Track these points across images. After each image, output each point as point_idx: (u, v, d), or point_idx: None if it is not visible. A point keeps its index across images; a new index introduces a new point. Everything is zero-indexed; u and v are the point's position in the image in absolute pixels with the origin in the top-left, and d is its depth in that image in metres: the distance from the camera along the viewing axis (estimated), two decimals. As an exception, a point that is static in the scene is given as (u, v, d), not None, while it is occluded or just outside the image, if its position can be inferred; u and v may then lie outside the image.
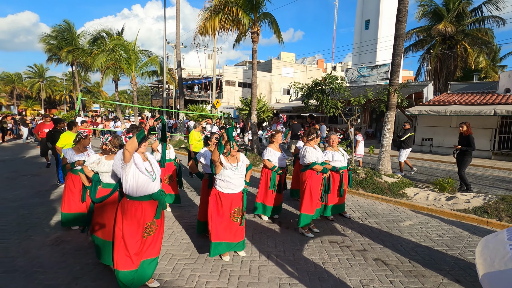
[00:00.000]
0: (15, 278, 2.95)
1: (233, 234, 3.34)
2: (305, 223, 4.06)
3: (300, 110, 21.42)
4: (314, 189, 4.04)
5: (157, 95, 36.41)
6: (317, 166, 4.02)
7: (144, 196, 2.62)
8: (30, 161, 9.75)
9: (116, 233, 2.59)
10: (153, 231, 2.71)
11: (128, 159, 2.48)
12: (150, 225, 2.67)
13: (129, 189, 2.58)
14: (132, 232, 2.57)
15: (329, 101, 7.83)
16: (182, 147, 13.44)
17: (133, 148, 2.44)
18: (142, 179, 2.59)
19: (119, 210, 2.65)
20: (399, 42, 7.13)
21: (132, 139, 2.43)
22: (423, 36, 22.15)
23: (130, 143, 2.42)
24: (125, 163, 2.50)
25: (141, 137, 2.48)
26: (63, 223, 4.12)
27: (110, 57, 17.15)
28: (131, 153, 2.46)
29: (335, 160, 4.61)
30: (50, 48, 25.46)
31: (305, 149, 4.11)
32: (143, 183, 2.60)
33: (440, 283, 3.04)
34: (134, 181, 2.56)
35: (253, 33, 10.53)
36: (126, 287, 2.56)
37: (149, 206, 2.66)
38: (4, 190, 6.17)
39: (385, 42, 23.33)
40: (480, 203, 5.33)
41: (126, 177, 2.56)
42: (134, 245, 2.58)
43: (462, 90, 15.12)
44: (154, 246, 2.75)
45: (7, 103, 46.11)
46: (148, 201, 2.65)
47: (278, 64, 32.54)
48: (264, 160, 4.56)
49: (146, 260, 2.70)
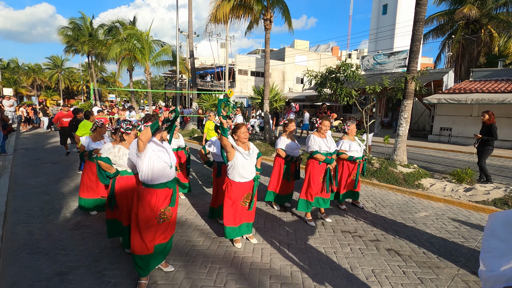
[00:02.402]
0: (39, 259, 3.12)
1: (245, 216, 3.43)
2: (302, 209, 4.11)
3: (313, 99, 21.09)
4: (314, 177, 4.02)
5: (171, 85, 36.72)
6: (318, 155, 3.97)
7: (159, 184, 2.67)
8: (50, 150, 10.13)
9: (133, 219, 2.69)
10: (168, 218, 2.78)
11: (142, 149, 2.54)
12: (164, 211, 2.73)
13: (145, 177, 2.64)
14: (146, 218, 2.64)
15: (343, 89, 7.65)
16: (195, 136, 13.59)
17: (146, 138, 2.49)
18: (157, 167, 2.64)
19: (135, 196, 2.75)
20: (418, 26, 6.81)
21: (146, 129, 2.48)
22: (444, 21, 21.06)
23: (144, 133, 2.47)
24: (139, 152, 2.57)
25: (155, 127, 2.54)
26: (81, 207, 4.29)
27: (124, 47, 17.31)
28: (145, 142, 2.52)
29: (351, 150, 4.53)
30: (68, 40, 26.02)
31: (309, 137, 4.09)
32: (158, 171, 2.65)
33: (455, 275, 2.98)
34: (149, 169, 2.62)
35: (265, 20, 10.33)
36: (142, 270, 2.67)
37: (163, 194, 2.72)
38: (27, 177, 6.47)
39: (403, 28, 22.39)
40: (500, 195, 5.14)
41: (141, 166, 2.62)
42: (149, 231, 2.66)
43: (485, 78, 14.39)
44: (169, 231, 2.84)
45: (28, 93, 47.78)
46: (163, 189, 2.70)
47: (292, 52, 31.97)
48: (277, 149, 4.53)
49: (160, 244, 2.78)
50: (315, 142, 4.02)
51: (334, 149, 4.18)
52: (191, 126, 16.03)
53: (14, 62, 48.62)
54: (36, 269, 2.94)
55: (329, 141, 4.13)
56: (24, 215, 4.29)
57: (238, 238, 3.49)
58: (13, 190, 5.50)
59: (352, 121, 4.79)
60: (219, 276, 2.88)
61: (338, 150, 4.59)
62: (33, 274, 2.86)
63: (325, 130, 4.11)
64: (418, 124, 17.28)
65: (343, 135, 4.73)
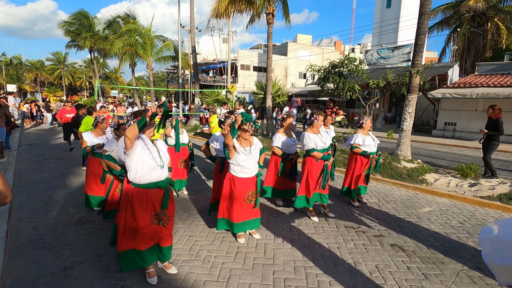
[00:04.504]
0: (44, 254, 3.14)
1: (248, 213, 3.41)
2: (300, 205, 4.08)
3: (316, 94, 20.94)
4: (312, 174, 3.98)
5: (173, 81, 36.63)
6: (315, 153, 3.91)
7: (149, 183, 2.54)
8: (54, 145, 10.19)
9: (120, 218, 2.57)
10: (166, 223, 2.66)
11: (129, 146, 2.39)
12: (159, 215, 2.61)
13: (134, 176, 2.51)
14: (138, 218, 2.52)
15: (346, 84, 7.58)
16: (198, 132, 13.58)
17: (133, 135, 2.33)
18: (147, 165, 2.50)
19: (123, 197, 2.60)
20: (423, 19, 6.70)
21: (132, 126, 2.32)
22: (450, 14, 20.75)
23: (130, 129, 2.31)
24: (127, 150, 2.42)
25: (142, 123, 2.35)
26: (87, 204, 4.31)
27: (126, 42, 17.26)
28: (132, 140, 2.36)
29: (365, 145, 4.44)
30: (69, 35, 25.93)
31: (303, 135, 4.01)
32: (148, 169, 2.52)
33: (459, 270, 2.96)
34: (139, 167, 2.49)
35: (268, 14, 10.22)
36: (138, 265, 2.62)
37: (154, 195, 2.59)
38: (32, 172, 6.51)
39: (408, 21, 22.03)
40: (506, 190, 5.09)
41: (130, 164, 2.49)
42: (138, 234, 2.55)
43: (491, 71, 14.17)
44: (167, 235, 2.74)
45: (31, 90, 48.00)
46: (153, 189, 2.57)
47: (294, 47, 31.69)
48: (272, 147, 4.40)
49: (163, 247, 2.72)
50: (310, 139, 3.93)
51: (329, 143, 4.13)
52: (194, 122, 16.02)
53: (17, 58, 48.81)
54: (41, 264, 2.96)
55: (324, 136, 4.05)
56: (28, 211, 4.32)
57: (241, 234, 3.49)
58: (18, 185, 5.54)
59: (366, 116, 4.71)
60: (222, 271, 2.88)
61: (352, 144, 4.54)
62: (38, 269, 2.88)
63: (319, 126, 4.02)
64: (422, 119, 17.14)
65: (357, 129, 4.66)
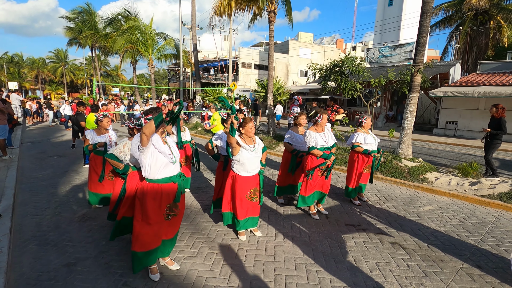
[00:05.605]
0: (48, 251, 3.17)
1: (251, 210, 3.44)
2: (302, 204, 4.08)
3: (317, 93, 20.93)
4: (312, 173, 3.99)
5: (174, 78, 36.63)
6: (315, 151, 3.92)
7: (163, 178, 2.62)
8: (56, 143, 10.23)
9: (136, 216, 2.60)
10: (176, 214, 2.74)
11: (145, 143, 2.42)
12: (171, 207, 2.69)
13: (148, 172, 2.58)
14: (151, 214, 2.57)
15: (347, 82, 7.58)
16: (199, 130, 13.60)
17: (150, 131, 2.37)
18: (160, 161, 2.58)
19: (138, 193, 2.65)
20: (425, 18, 6.68)
21: (149, 122, 2.35)
22: (452, 12, 20.64)
23: (147, 126, 2.34)
24: (143, 146, 2.46)
25: (159, 120, 2.40)
26: (90, 202, 4.35)
27: (128, 39, 17.25)
28: (148, 136, 2.40)
29: (366, 143, 4.49)
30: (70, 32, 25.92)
31: (305, 133, 4.05)
32: (162, 166, 2.59)
33: (459, 268, 2.98)
34: (153, 163, 2.56)
35: (269, 12, 10.19)
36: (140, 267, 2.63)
37: (169, 189, 2.67)
38: (34, 169, 6.55)
39: (410, 19, 21.95)
40: (507, 189, 5.10)
41: (144, 160, 2.54)
42: (153, 228, 2.59)
43: (493, 70, 14.13)
44: (174, 227, 2.82)
45: (33, 87, 48.08)
46: (167, 183, 2.66)
47: (295, 45, 31.61)
48: (284, 143, 4.51)
49: (166, 240, 2.78)
50: (310, 137, 3.96)
51: (332, 142, 4.11)
52: (195, 120, 16.03)
53: (18, 56, 48.85)
54: (45, 260, 2.99)
55: (326, 135, 4.06)
56: (31, 207, 4.36)
57: (242, 231, 3.51)
58: (21, 182, 5.58)
59: (367, 114, 4.74)
60: (224, 268, 2.91)
61: (353, 143, 4.57)
62: (42, 265, 2.91)
63: (323, 124, 4.04)
64: (423, 117, 17.11)
65: (357, 128, 4.68)
